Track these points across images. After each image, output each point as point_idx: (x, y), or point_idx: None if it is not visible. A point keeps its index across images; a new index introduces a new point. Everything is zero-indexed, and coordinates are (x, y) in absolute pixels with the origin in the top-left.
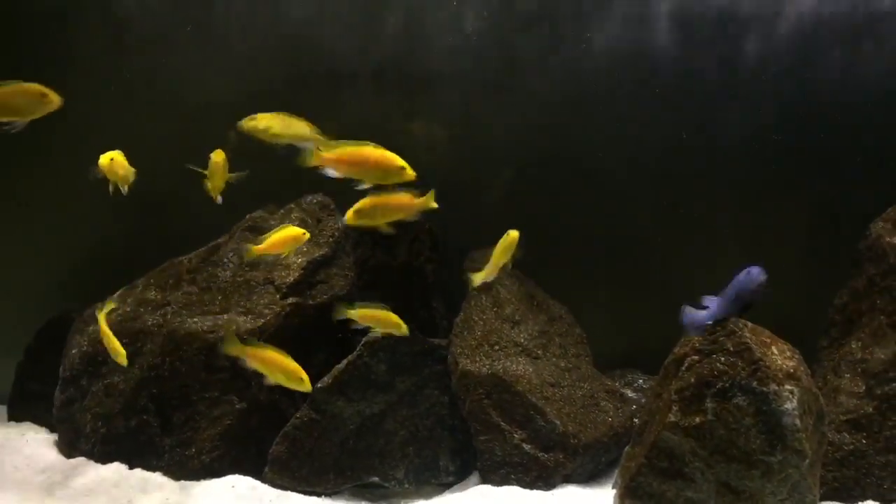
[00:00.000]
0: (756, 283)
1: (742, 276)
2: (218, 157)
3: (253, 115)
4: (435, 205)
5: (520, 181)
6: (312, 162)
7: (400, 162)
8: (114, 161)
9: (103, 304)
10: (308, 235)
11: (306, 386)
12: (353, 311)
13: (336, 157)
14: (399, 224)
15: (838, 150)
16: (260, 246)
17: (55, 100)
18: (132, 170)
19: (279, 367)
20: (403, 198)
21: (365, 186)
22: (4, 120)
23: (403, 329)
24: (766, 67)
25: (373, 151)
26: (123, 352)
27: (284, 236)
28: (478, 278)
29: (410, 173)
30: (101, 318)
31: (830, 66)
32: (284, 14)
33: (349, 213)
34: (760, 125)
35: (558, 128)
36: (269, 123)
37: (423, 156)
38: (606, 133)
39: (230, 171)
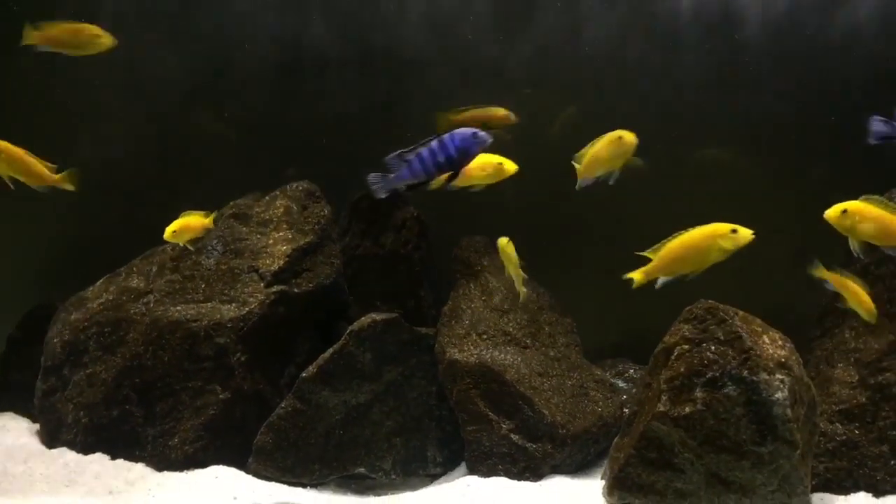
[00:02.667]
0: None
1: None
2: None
3: None
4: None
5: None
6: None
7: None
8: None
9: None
10: None
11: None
12: (828, 273)
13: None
14: (387, 212)
15: (833, 136)
16: None
17: (108, 41)
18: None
19: None
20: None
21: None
22: (60, 51)
23: (872, 316)
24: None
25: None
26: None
27: None
28: (521, 294)
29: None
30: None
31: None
32: None
33: None
34: (755, 111)
35: (546, 115)
36: None
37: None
38: (594, 119)
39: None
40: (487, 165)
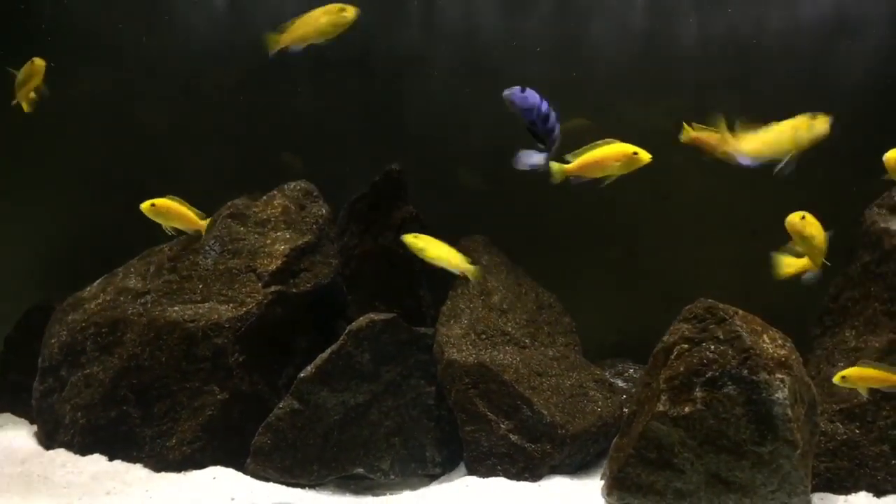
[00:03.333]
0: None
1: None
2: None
3: None
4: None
5: (509, 169)
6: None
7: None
8: None
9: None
10: None
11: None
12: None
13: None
14: (385, 211)
15: (835, 136)
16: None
17: (351, 14)
18: None
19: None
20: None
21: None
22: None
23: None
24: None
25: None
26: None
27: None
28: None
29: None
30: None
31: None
32: None
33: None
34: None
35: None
36: None
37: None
38: (594, 119)
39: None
40: (622, 155)
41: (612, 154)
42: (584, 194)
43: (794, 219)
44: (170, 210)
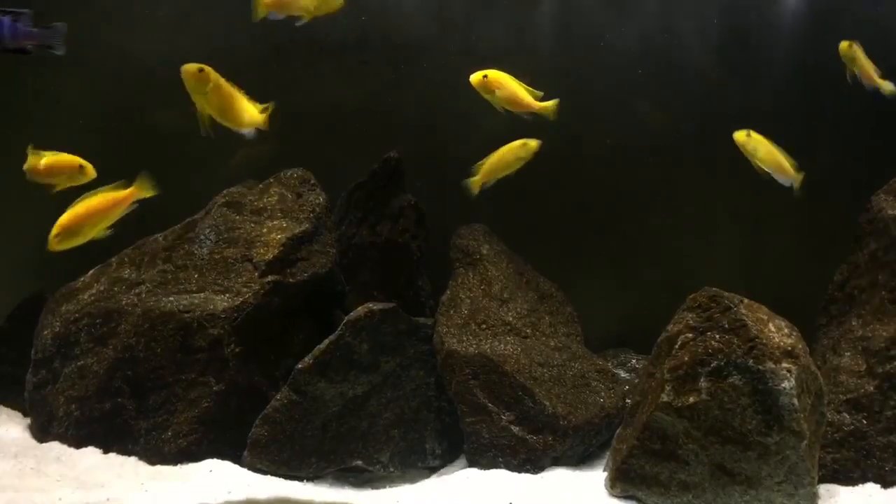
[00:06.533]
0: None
1: None
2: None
3: None
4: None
5: None
6: None
7: None
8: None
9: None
10: None
11: None
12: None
13: None
14: (383, 200)
15: (838, 121)
16: None
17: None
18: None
19: None
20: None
21: None
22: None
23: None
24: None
25: None
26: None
27: None
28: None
29: None
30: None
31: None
32: None
33: None
34: (754, 97)
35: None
36: None
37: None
38: (598, 110)
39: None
40: (516, 149)
41: (507, 152)
42: (585, 183)
43: (740, 137)
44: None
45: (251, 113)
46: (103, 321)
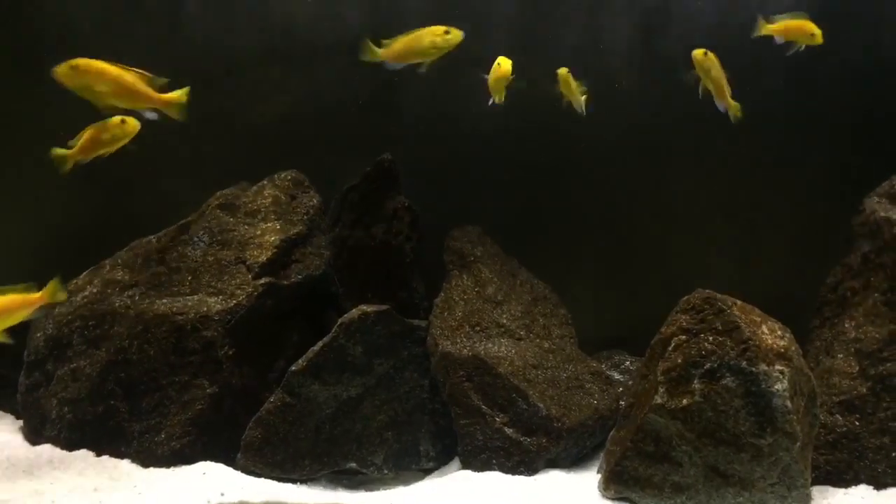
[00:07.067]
0: None
1: None
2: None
3: None
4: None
5: (502, 159)
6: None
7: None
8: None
9: None
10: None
11: None
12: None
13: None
14: (377, 201)
15: (832, 124)
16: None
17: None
18: None
19: None
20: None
21: None
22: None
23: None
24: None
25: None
26: None
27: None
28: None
29: None
30: None
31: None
32: None
33: None
34: (749, 100)
35: (542, 104)
36: None
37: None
38: (591, 111)
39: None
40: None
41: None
42: (579, 184)
43: (698, 54)
44: None
45: (148, 93)
46: (96, 323)
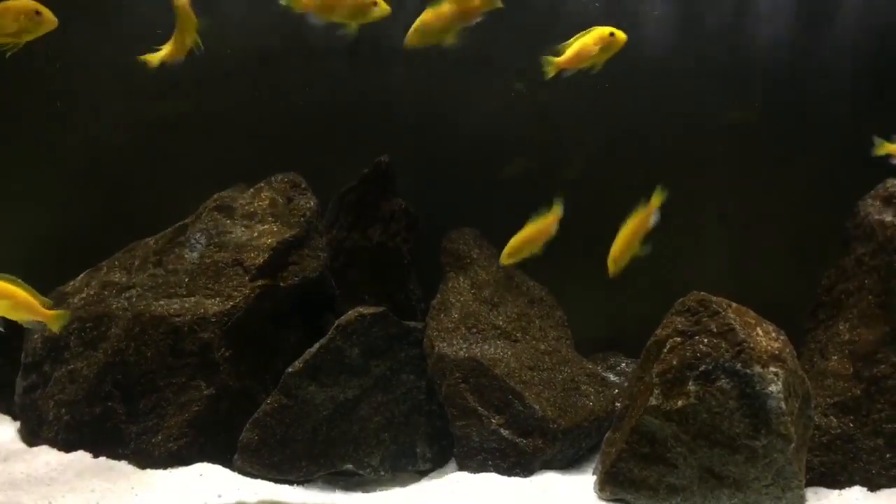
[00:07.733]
0: None
1: None
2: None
3: None
4: None
5: (498, 161)
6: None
7: None
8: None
9: None
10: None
11: None
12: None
13: None
14: (374, 203)
15: (825, 128)
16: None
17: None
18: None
19: None
20: None
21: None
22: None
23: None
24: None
25: None
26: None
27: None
28: None
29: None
30: None
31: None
32: None
33: None
34: (744, 104)
35: (536, 107)
36: None
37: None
38: (585, 114)
39: None
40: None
41: (592, 40)
42: (576, 187)
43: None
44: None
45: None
46: (94, 325)
